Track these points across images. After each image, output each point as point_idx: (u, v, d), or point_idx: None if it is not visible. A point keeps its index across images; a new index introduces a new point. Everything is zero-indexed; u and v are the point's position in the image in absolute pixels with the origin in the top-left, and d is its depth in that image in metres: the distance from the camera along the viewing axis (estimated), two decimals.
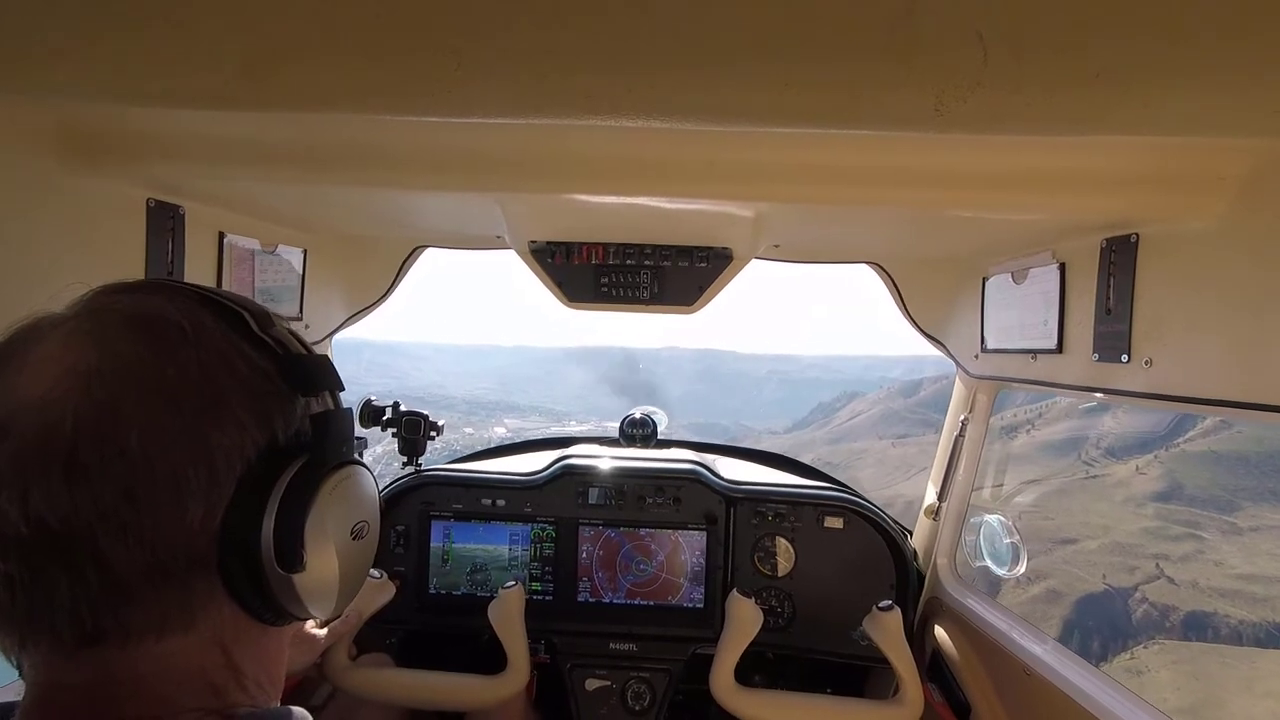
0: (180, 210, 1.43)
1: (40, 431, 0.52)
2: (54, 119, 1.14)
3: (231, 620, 0.60)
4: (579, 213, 1.55)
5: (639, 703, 2.08)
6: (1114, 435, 73.33)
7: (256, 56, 0.86)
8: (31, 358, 0.55)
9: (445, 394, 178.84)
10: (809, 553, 2.13)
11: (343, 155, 1.24)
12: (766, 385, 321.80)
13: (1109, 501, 63.17)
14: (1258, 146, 1.01)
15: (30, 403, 0.53)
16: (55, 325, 0.58)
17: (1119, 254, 1.33)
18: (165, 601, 0.56)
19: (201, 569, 0.57)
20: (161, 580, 0.55)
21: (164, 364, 0.56)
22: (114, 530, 0.52)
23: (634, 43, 0.82)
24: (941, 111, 0.82)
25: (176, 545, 0.55)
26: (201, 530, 0.56)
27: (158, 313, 0.59)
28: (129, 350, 0.56)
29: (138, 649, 0.56)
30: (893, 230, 1.72)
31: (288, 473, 0.60)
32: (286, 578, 0.60)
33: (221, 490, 0.57)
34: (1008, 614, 1.87)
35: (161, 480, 0.54)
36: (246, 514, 0.57)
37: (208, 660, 0.59)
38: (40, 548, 0.52)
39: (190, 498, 0.55)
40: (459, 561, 2.15)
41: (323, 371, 0.67)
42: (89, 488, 0.52)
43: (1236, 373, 1.10)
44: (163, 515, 0.54)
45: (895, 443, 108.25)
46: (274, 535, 0.58)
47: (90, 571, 0.52)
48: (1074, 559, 52.69)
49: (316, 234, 1.95)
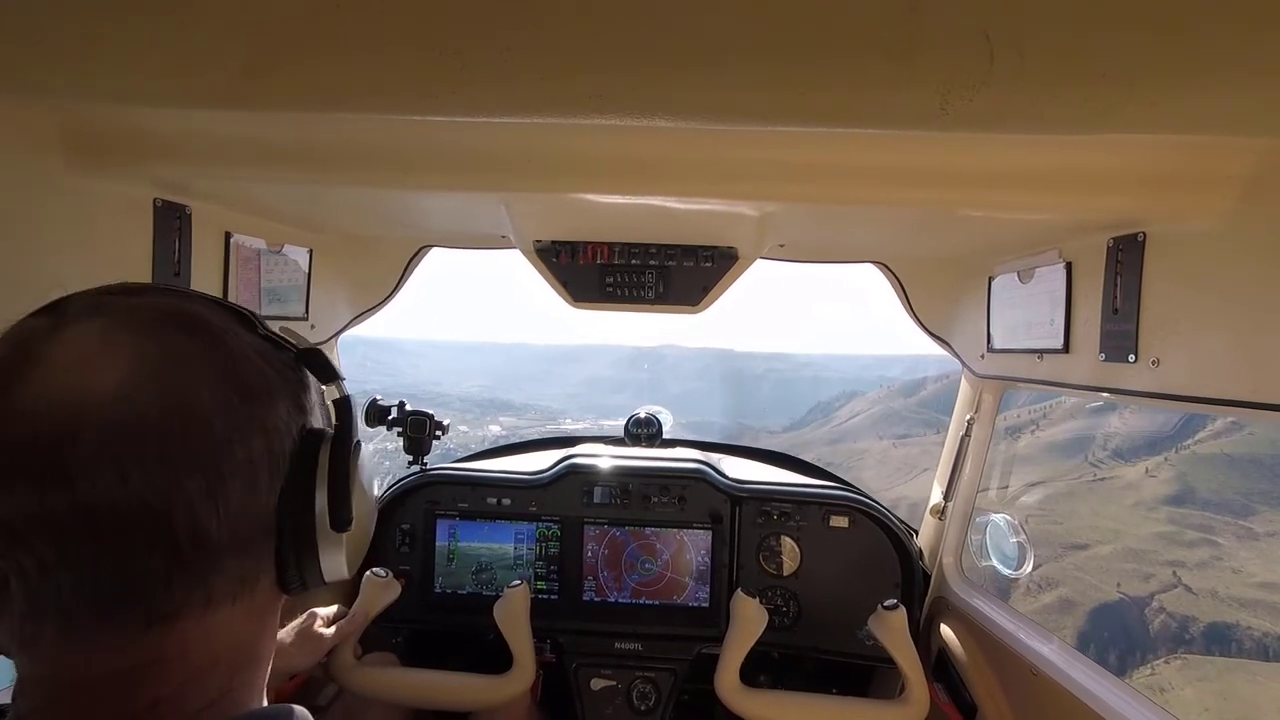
0: (186, 210, 1.44)
1: (126, 419, 0.55)
2: (60, 119, 1.15)
3: (265, 590, 0.65)
4: (584, 212, 1.55)
5: (644, 702, 2.08)
6: (1121, 436, 71.60)
7: (261, 56, 0.86)
8: (74, 354, 0.57)
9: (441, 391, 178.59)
10: (814, 552, 2.13)
11: (348, 155, 1.24)
12: (764, 383, 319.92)
13: (1119, 505, 61.05)
14: (1264, 145, 1.01)
15: (103, 395, 0.55)
16: (72, 323, 0.59)
17: (1126, 253, 1.33)
18: (244, 570, 0.61)
19: (264, 541, 0.63)
20: (242, 549, 0.61)
21: (224, 355, 0.62)
22: (208, 506, 0.57)
23: (639, 42, 0.82)
24: (947, 111, 0.82)
25: (253, 517, 0.61)
26: (268, 504, 0.62)
27: (188, 310, 0.64)
28: (184, 344, 0.61)
29: (213, 617, 0.60)
30: (899, 230, 1.71)
31: (324, 449, 0.67)
32: (337, 537, 0.68)
33: (280, 466, 0.63)
34: (1014, 614, 1.86)
35: (241, 460, 0.60)
36: (303, 485, 0.65)
37: (241, 631, 0.64)
38: (140, 526, 0.55)
39: (260, 473, 0.61)
40: (464, 560, 2.15)
41: (331, 363, 0.74)
42: (187, 469, 0.56)
43: (1244, 372, 1.09)
44: (243, 490, 0.60)
45: (896, 443, 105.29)
46: (328, 501, 0.67)
47: (188, 547, 0.57)
48: (1086, 565, 50.79)
49: (322, 234, 1.96)
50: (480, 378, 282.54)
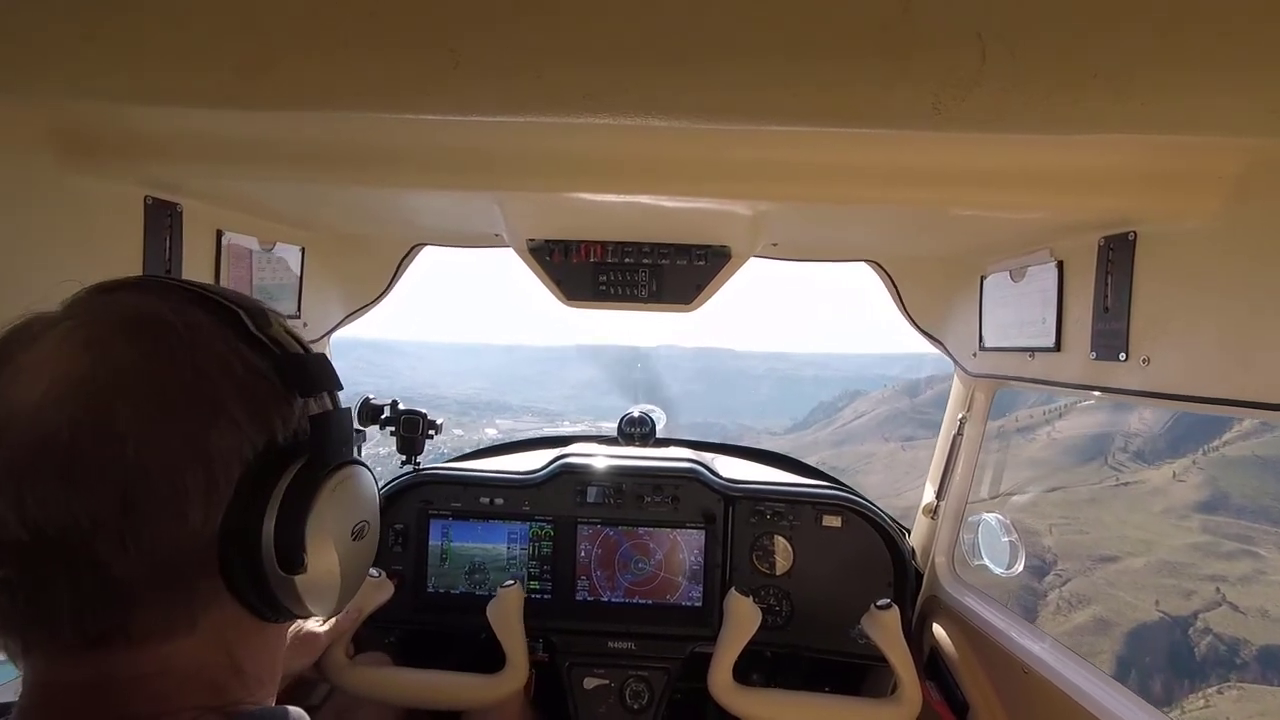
0: (178, 208, 1.43)
1: (36, 439, 0.52)
2: (51, 117, 1.14)
3: (234, 619, 0.60)
4: (577, 211, 1.55)
5: (637, 701, 2.08)
6: (1141, 437, 65.38)
7: (254, 54, 0.86)
8: (25, 362, 0.55)
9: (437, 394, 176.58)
10: (807, 551, 2.13)
11: (341, 153, 1.24)
12: (763, 383, 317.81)
13: (1146, 512, 55.56)
14: (1254, 145, 1.02)
15: (25, 410, 0.53)
16: (48, 327, 0.57)
17: (1117, 252, 1.33)
18: (169, 604, 0.56)
19: (204, 571, 0.57)
20: (164, 584, 0.55)
21: (158, 368, 0.56)
22: (112, 537, 0.52)
23: (631, 41, 0.82)
24: (940, 110, 0.82)
25: (177, 549, 0.55)
26: (202, 533, 0.56)
27: (152, 314, 0.58)
28: (123, 355, 0.55)
29: (141, 651, 0.56)
30: (891, 229, 1.72)
31: (288, 474, 0.60)
32: (288, 579, 0.60)
33: (220, 493, 0.56)
34: (1006, 612, 1.87)
35: (159, 486, 0.54)
36: (246, 516, 0.57)
37: (210, 658, 0.60)
38: (40, 554, 0.51)
39: (189, 502, 0.55)
40: (457, 560, 2.15)
41: (321, 371, 0.66)
42: (86, 495, 0.51)
43: (1234, 371, 1.10)
44: (161, 520, 0.54)
45: (904, 445, 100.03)
46: (275, 537, 0.58)
47: (89, 577, 0.52)
48: (1119, 580, 45.54)
49: (315, 232, 1.95)
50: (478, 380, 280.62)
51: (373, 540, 0.72)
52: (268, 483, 0.59)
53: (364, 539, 0.70)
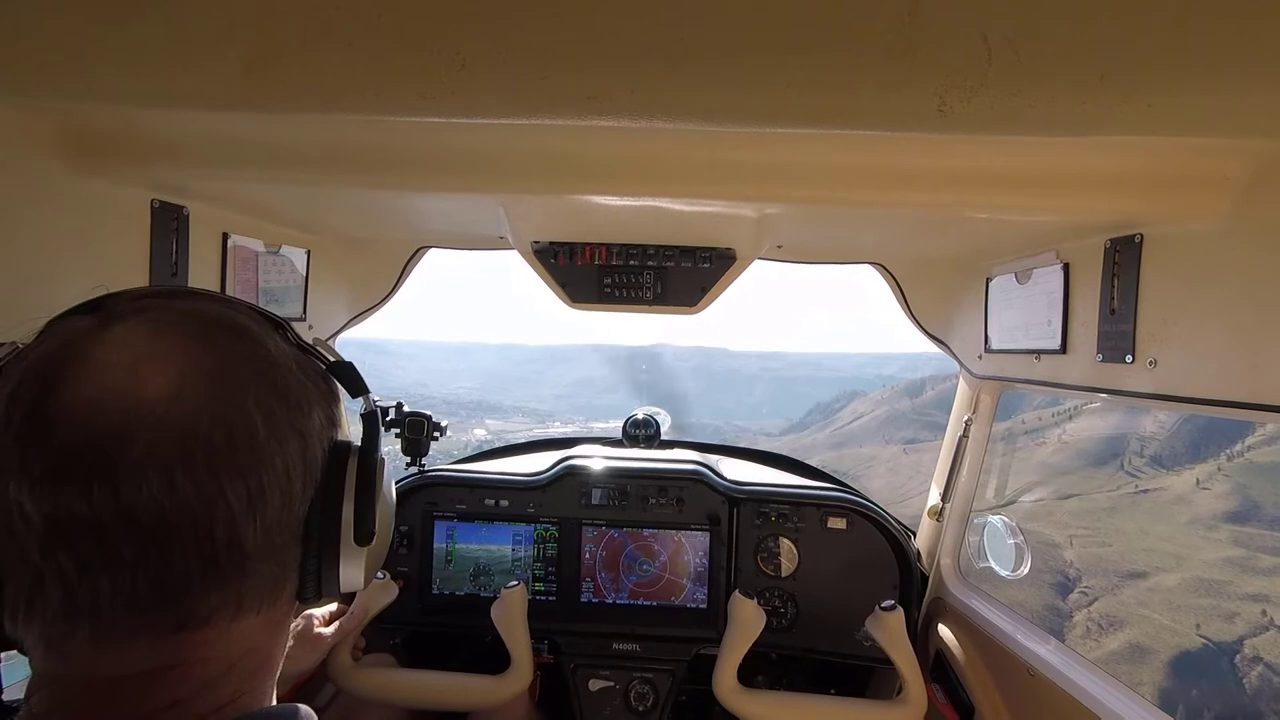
0: (184, 211, 1.44)
1: (177, 426, 0.55)
2: (58, 121, 1.15)
3: (284, 601, 0.65)
4: (582, 213, 1.55)
5: (642, 703, 2.08)
6: (1157, 441, 62.00)
7: (260, 57, 0.86)
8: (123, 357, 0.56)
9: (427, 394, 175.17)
10: (812, 553, 2.13)
11: (346, 156, 1.24)
12: (758, 383, 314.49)
13: (1171, 523, 51.66)
14: (1260, 148, 1.01)
15: (154, 399, 0.55)
16: (110, 325, 0.58)
17: (1123, 254, 1.33)
18: (273, 578, 0.62)
19: (292, 549, 0.63)
20: (274, 558, 0.61)
21: (268, 364, 0.63)
22: (247, 514, 0.58)
23: (637, 44, 0.82)
24: (945, 112, 0.82)
25: (286, 526, 0.62)
26: (299, 513, 0.63)
27: (233, 317, 0.64)
28: (236, 351, 0.61)
29: (237, 625, 0.60)
30: (896, 231, 1.71)
31: (352, 461, 0.68)
32: (360, 550, 0.68)
33: (312, 476, 0.64)
34: (1011, 614, 1.87)
35: (280, 469, 0.60)
36: (332, 497, 0.66)
37: (259, 639, 0.64)
38: (176, 531, 0.55)
39: (295, 483, 0.62)
40: (462, 562, 2.15)
41: (361, 377, 0.75)
42: (231, 477, 0.57)
43: (1241, 373, 1.09)
44: (279, 500, 0.60)
45: (907, 448, 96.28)
46: (355, 514, 0.67)
47: (225, 554, 0.57)
48: (1151, 600, 41.19)
49: (320, 235, 1.96)
50: (469, 379, 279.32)
51: (394, 521, 0.84)
52: (342, 469, 0.67)
53: (393, 519, 0.82)
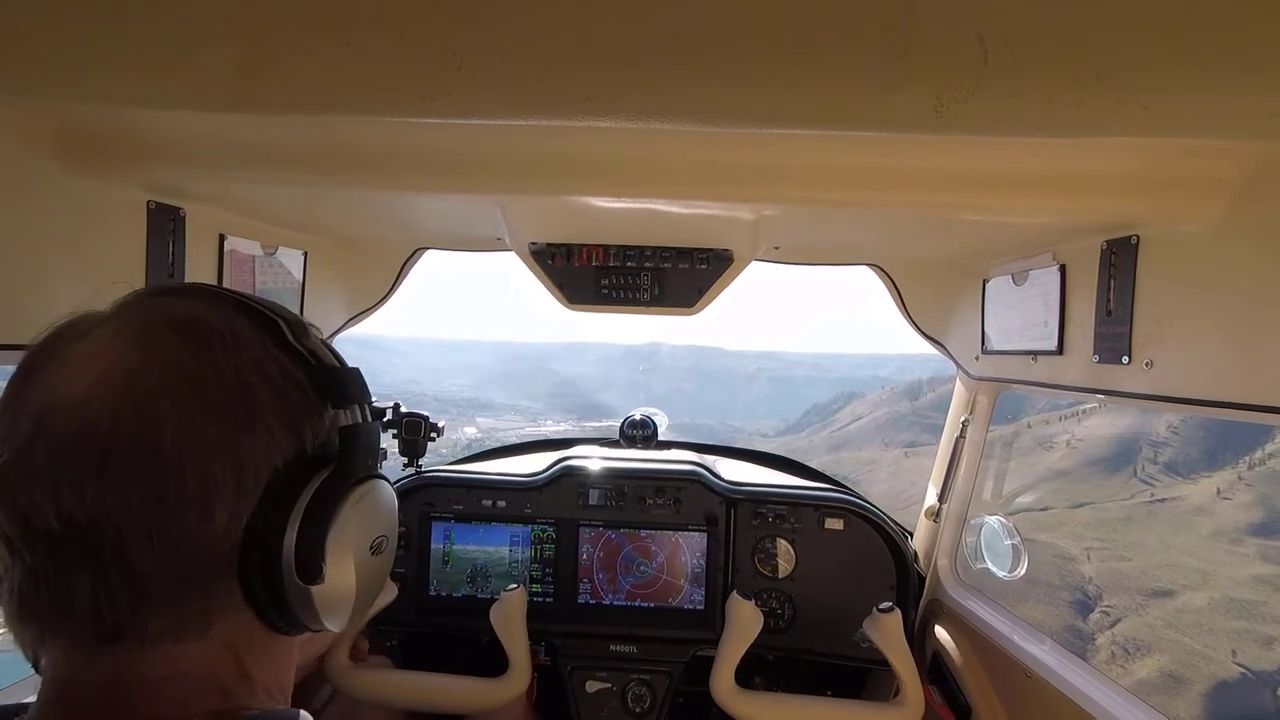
0: (181, 212, 1.43)
1: (77, 429, 0.53)
2: (54, 121, 1.14)
3: (246, 627, 0.60)
4: (579, 214, 1.55)
5: (639, 705, 2.08)
6: (1171, 447, 57.99)
7: (256, 58, 0.86)
8: (73, 355, 0.56)
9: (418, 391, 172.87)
10: (809, 554, 2.13)
11: (343, 157, 1.24)
12: (754, 383, 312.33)
13: (1192, 534, 47.41)
14: (1255, 149, 1.02)
15: (69, 400, 0.54)
16: (98, 324, 0.59)
17: (1119, 255, 1.33)
18: (185, 605, 0.56)
19: (222, 575, 0.57)
20: (182, 584, 0.55)
21: (202, 370, 0.57)
22: (140, 531, 0.53)
23: (634, 44, 0.82)
24: (942, 113, 0.83)
25: (199, 549, 0.55)
26: (225, 536, 0.56)
27: (199, 318, 0.60)
28: (170, 354, 0.57)
29: (154, 650, 0.56)
30: (893, 232, 1.72)
31: (313, 483, 0.60)
32: (305, 589, 0.60)
33: (248, 498, 0.57)
34: (1009, 616, 1.87)
35: (191, 485, 0.54)
36: (270, 523, 0.58)
37: (220, 665, 0.60)
38: (68, 543, 0.52)
39: (217, 504, 0.56)
40: (459, 563, 2.14)
41: (353, 384, 0.67)
42: (120, 488, 0.52)
43: (1237, 374, 1.10)
44: (189, 520, 0.55)
45: (908, 452, 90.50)
46: (295, 546, 0.59)
47: (113, 570, 0.53)
48: (1180, 621, 37.34)
49: (317, 236, 1.95)
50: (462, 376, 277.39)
51: (390, 555, 0.73)
52: (293, 491, 0.59)
53: (382, 554, 0.70)
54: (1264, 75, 0.78)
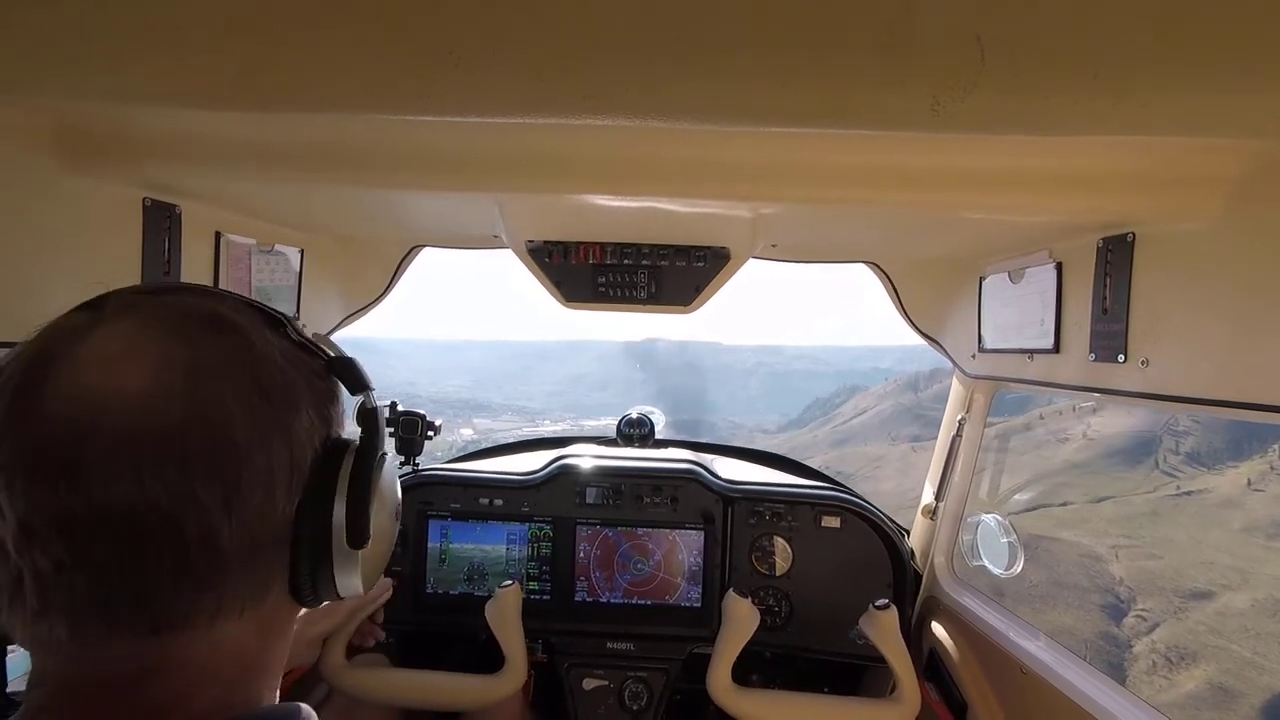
0: (176, 209, 1.43)
1: (149, 423, 0.54)
2: (50, 118, 1.14)
3: (276, 603, 0.64)
4: (576, 212, 1.55)
5: (636, 702, 2.08)
6: (1193, 437, 54.81)
7: (253, 55, 0.86)
8: (92, 355, 0.56)
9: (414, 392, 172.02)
10: (806, 552, 2.14)
11: (339, 155, 1.24)
12: (753, 378, 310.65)
13: (1224, 529, 44.32)
14: (1252, 148, 1.02)
15: (126, 397, 0.55)
16: (98, 324, 0.58)
17: (1115, 254, 1.33)
18: (254, 581, 0.60)
19: (279, 550, 0.61)
20: (253, 560, 0.59)
21: (251, 359, 0.61)
22: (222, 514, 0.56)
23: (632, 42, 0.82)
24: (938, 112, 0.83)
25: (269, 528, 0.60)
26: (284, 513, 0.61)
27: (221, 313, 0.63)
28: (218, 347, 0.60)
29: (219, 629, 0.59)
30: (890, 230, 1.72)
31: (348, 461, 0.66)
32: (352, 554, 0.66)
33: (300, 476, 0.62)
34: (1004, 612, 1.88)
35: (261, 468, 0.59)
36: (322, 497, 0.63)
37: (248, 644, 0.63)
38: (148, 532, 0.54)
39: (279, 484, 0.60)
40: (456, 561, 2.15)
41: (362, 372, 0.73)
42: (200, 475, 0.55)
43: (1233, 372, 1.10)
44: (260, 500, 0.59)
45: (914, 447, 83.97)
46: (346, 516, 0.64)
47: (196, 554, 0.56)
48: (1223, 626, 34.17)
49: (313, 234, 1.95)
50: (459, 377, 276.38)
51: (397, 523, 0.80)
52: (334, 467, 0.65)
53: (397, 520, 0.79)
54: (1262, 74, 0.79)
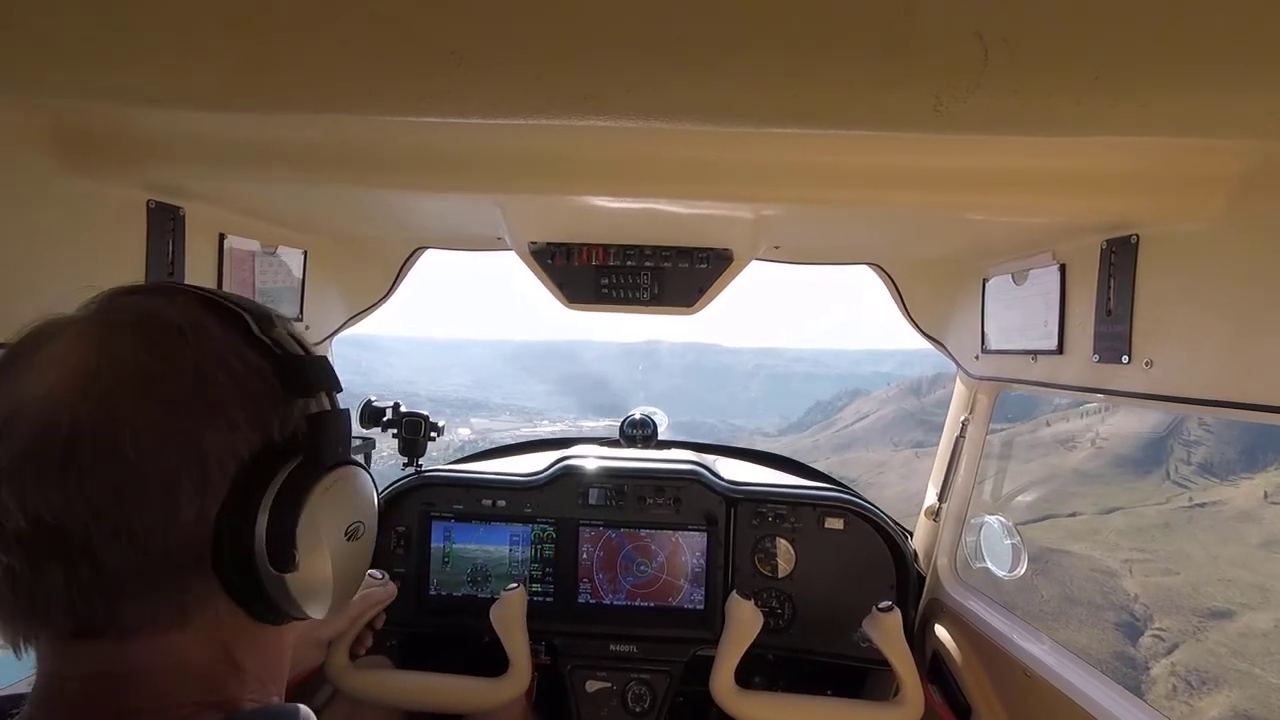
0: (180, 212, 1.43)
1: (39, 430, 0.54)
2: (54, 120, 1.14)
3: (230, 618, 0.61)
4: (579, 214, 1.55)
5: (639, 704, 2.08)
6: (1205, 446, 53.65)
7: (256, 57, 0.86)
8: (38, 358, 0.57)
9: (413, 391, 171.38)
10: (809, 554, 2.13)
11: (342, 156, 1.24)
12: (754, 380, 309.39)
13: (1241, 544, 42.42)
14: (1254, 148, 1.02)
15: (32, 401, 0.54)
16: (64, 327, 0.59)
17: (1119, 255, 1.33)
18: (159, 598, 0.57)
19: (197, 568, 0.58)
20: (154, 579, 0.56)
21: (161, 365, 0.58)
22: (106, 528, 0.54)
23: (633, 43, 0.82)
24: (941, 112, 0.82)
25: (169, 544, 0.56)
26: (195, 529, 0.57)
27: (159, 314, 0.60)
28: (128, 352, 0.57)
29: (134, 643, 0.57)
30: (893, 231, 1.72)
31: (282, 473, 0.61)
32: (279, 577, 0.61)
33: (215, 491, 0.58)
34: (1008, 615, 1.87)
35: (153, 480, 0.55)
36: (239, 513, 0.58)
37: (207, 656, 0.61)
38: (38, 542, 0.53)
39: (182, 498, 0.56)
40: (459, 562, 2.15)
41: (319, 372, 0.67)
42: (83, 486, 0.53)
43: (1237, 373, 1.10)
44: (154, 514, 0.55)
45: (918, 452, 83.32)
46: (266, 535, 0.59)
47: (84, 567, 0.54)
48: (1246, 649, 32.54)
49: (317, 235, 1.96)
50: (459, 375, 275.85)
51: (369, 541, 0.73)
52: (262, 481, 0.60)
53: (359, 540, 0.70)
54: (1264, 74, 0.78)
